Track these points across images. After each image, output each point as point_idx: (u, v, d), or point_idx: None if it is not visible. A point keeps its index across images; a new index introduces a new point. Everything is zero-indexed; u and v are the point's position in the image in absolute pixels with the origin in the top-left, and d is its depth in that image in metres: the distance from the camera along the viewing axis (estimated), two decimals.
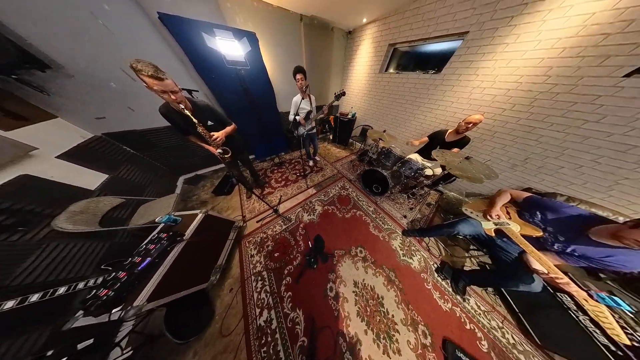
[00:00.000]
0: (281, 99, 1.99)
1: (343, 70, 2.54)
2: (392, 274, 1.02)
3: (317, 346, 0.76)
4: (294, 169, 2.11)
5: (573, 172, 1.04)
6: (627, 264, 0.50)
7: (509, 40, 1.06)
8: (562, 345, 0.71)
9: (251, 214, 1.44)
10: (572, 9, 0.85)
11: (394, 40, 1.71)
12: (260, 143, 2.11)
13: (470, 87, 1.32)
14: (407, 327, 0.82)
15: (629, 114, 0.82)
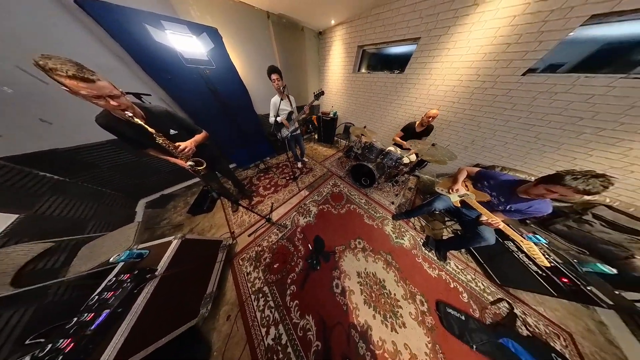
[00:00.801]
0: (258, 101, 1.87)
1: (319, 71, 2.58)
2: (389, 257, 1.11)
3: (331, 346, 0.76)
4: (283, 173, 2.02)
5: (502, 148, 1.36)
6: (540, 210, 0.71)
7: (449, 45, 1.30)
8: (513, 280, 0.95)
9: (241, 229, 1.31)
10: (486, 23, 1.10)
11: (362, 42, 1.84)
12: (240, 149, 1.93)
13: (427, 85, 1.55)
14: (407, 301, 0.91)
15: (527, 102, 1.13)
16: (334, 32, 2.05)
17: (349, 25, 1.85)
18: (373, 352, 0.75)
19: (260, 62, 1.73)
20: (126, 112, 0.55)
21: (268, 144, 2.19)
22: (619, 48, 0.89)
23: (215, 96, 1.41)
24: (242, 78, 1.56)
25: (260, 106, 1.91)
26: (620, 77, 0.87)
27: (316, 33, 2.21)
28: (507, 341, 0.76)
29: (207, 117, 1.46)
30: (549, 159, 1.19)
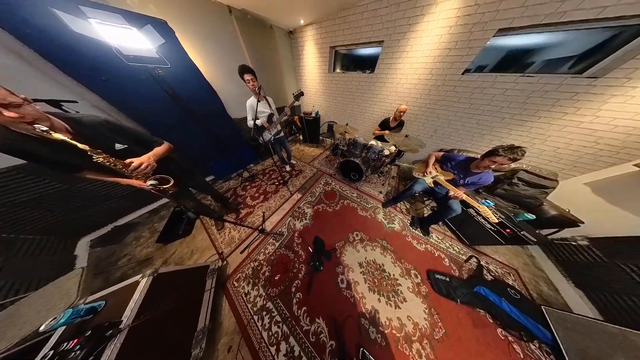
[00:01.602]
0: (232, 104, 1.70)
1: (295, 71, 2.54)
2: (384, 242, 1.21)
3: (344, 340, 0.77)
4: (271, 178, 1.92)
5: (455, 134, 1.67)
6: (487, 180, 0.92)
7: (407, 49, 1.49)
8: (476, 239, 1.19)
9: (230, 247, 1.18)
10: (432, 31, 1.32)
11: (333, 43, 1.91)
12: (218, 159, 1.73)
13: (394, 84, 1.74)
14: (404, 278, 1.01)
15: (468, 96, 1.41)
16: (305, 32, 2.05)
17: (319, 26, 1.89)
18: (383, 332, 0.81)
19: (229, 61, 1.58)
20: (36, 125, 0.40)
21: (250, 150, 2.03)
22: (517, 54, 1.21)
23: (176, 101, 1.20)
24: (209, 79, 1.39)
25: (236, 110, 1.75)
26: (519, 76, 1.19)
27: (286, 32, 2.16)
28: (479, 288, 0.95)
29: (169, 125, 1.25)
30: (487, 139, 1.52)
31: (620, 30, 0.91)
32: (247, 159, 2.07)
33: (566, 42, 1.05)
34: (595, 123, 1.08)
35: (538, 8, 0.97)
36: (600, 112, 1.05)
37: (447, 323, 0.85)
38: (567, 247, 1.07)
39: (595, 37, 0.98)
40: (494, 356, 0.76)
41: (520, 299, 0.92)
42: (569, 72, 1.11)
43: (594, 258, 0.96)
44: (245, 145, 1.94)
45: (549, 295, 1.02)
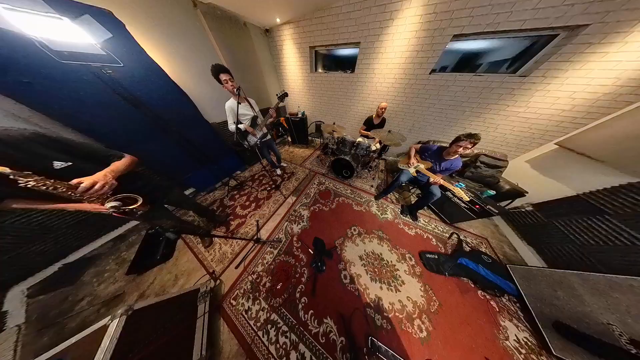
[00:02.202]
0: (209, 108, 1.55)
1: (276, 71, 2.46)
2: (380, 232, 1.28)
3: (354, 333, 0.79)
4: (261, 184, 1.82)
5: (430, 127, 1.87)
6: (457, 165, 1.08)
7: (382, 50, 1.59)
8: (455, 217, 1.36)
9: (223, 263, 1.08)
10: (401, 34, 1.44)
11: (313, 44, 1.91)
12: (197, 169, 1.55)
13: (374, 83, 1.84)
14: (400, 263, 1.09)
15: (436, 93, 1.60)
16: (282, 31, 2.00)
17: (296, 25, 1.87)
18: (387, 317, 0.85)
19: (199, 61, 1.43)
20: None
21: (234, 156, 1.88)
22: (469, 57, 1.43)
23: (138, 106, 1.03)
24: (179, 81, 1.23)
25: (213, 114, 1.60)
26: (472, 75, 1.40)
27: (262, 30, 2.07)
28: (461, 260, 1.09)
29: (132, 135, 1.07)
30: (454, 130, 1.75)
31: (537, 38, 1.17)
32: (232, 166, 1.92)
33: (503, 48, 1.29)
34: (528, 112, 1.35)
35: (480, 18, 1.16)
36: (530, 103, 1.32)
37: (439, 295, 0.95)
38: (519, 214, 1.32)
39: (521, 43, 1.23)
40: (478, 314, 0.89)
41: (492, 263, 1.09)
42: (506, 72, 1.36)
43: (537, 219, 1.21)
44: (229, 152, 1.79)
45: (511, 255, 1.24)
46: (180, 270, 1.06)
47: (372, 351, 0.74)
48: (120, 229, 1.29)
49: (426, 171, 1.17)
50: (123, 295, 0.95)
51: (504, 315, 0.90)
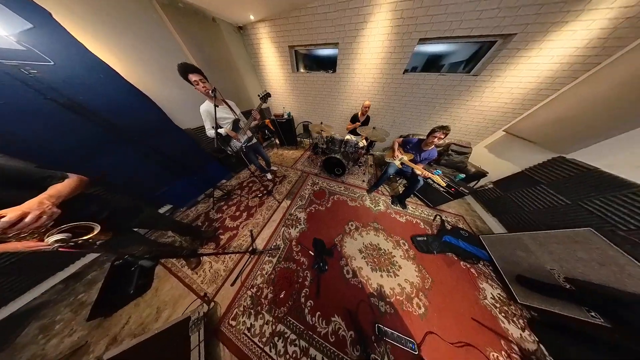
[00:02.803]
0: (180, 113, 1.39)
1: (255, 70, 2.34)
2: (376, 224, 1.35)
3: (361, 324, 0.82)
4: (252, 191, 1.72)
5: (408, 122, 2.05)
6: (433, 155, 1.22)
7: (360, 51, 1.67)
8: (436, 201, 1.54)
9: (216, 283, 0.99)
10: (375, 37, 1.54)
11: (292, 43, 1.88)
12: (172, 183, 1.37)
13: (356, 82, 1.92)
14: (396, 249, 1.17)
15: (409, 91, 1.77)
16: (258, 29, 1.91)
17: (273, 24, 1.81)
18: (390, 302, 0.91)
19: (163, 59, 1.27)
20: None
21: (217, 164, 1.72)
22: (434, 58, 1.61)
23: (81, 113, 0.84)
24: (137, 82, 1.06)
25: (186, 119, 1.43)
26: (438, 74, 1.60)
27: (235, 28, 1.94)
28: (445, 237, 1.23)
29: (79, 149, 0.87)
30: (428, 124, 1.96)
31: (482, 44, 1.40)
32: (215, 175, 1.76)
33: (459, 51, 1.50)
34: (482, 106, 1.61)
35: (439, 25, 1.32)
36: (482, 98, 1.57)
37: (431, 272, 1.05)
38: (484, 191, 1.56)
39: (472, 47, 1.45)
40: (463, 282, 1.02)
41: (468, 236, 1.26)
42: (463, 72, 1.59)
43: (497, 194, 1.46)
44: (210, 160, 1.62)
45: (482, 227, 1.46)
46: (163, 300, 0.92)
47: (379, 337, 0.78)
48: (73, 266, 1.04)
49: (409, 162, 1.29)
50: (86, 346, 0.77)
51: (481, 278, 1.05)
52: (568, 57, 1.17)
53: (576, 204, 1.00)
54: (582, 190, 0.98)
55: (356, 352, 0.74)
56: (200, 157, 1.52)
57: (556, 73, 1.25)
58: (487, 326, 0.85)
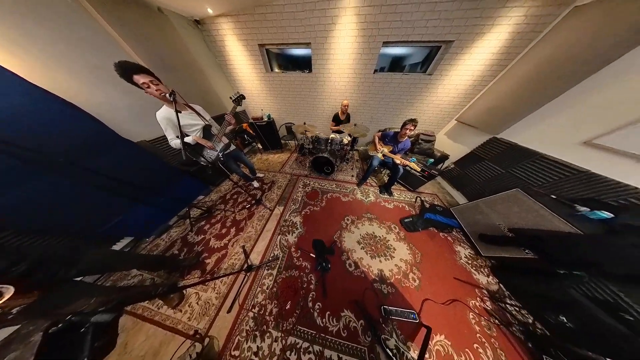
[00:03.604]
0: (129, 122, 1.14)
1: (223, 70, 2.11)
2: (368, 214, 1.44)
3: (369, 311, 0.86)
4: (237, 203, 1.57)
5: (383, 117, 2.26)
6: (407, 145, 1.41)
7: (332, 52, 1.72)
8: (415, 185, 1.77)
9: (208, 315, 0.86)
10: (345, 38, 1.61)
11: (261, 41, 1.78)
12: (128, 211, 1.11)
13: (332, 82, 1.98)
14: (389, 234, 1.28)
15: (381, 89, 1.94)
16: (220, 25, 1.73)
17: (236, 20, 1.67)
18: (391, 283, 0.99)
19: (93, 58, 1.00)
20: None
21: (189, 179, 1.49)
22: (397, 59, 1.82)
23: None
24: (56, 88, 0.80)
25: (139, 129, 1.19)
26: (402, 74, 1.81)
27: (191, 21, 1.70)
28: (426, 215, 1.42)
29: None
30: (400, 117, 2.20)
31: (432, 48, 1.66)
32: (188, 192, 1.53)
33: (415, 53, 1.74)
34: (438, 100, 1.91)
35: (397, 30, 1.49)
36: (437, 93, 1.87)
37: (419, 248, 1.20)
38: (448, 171, 1.88)
39: (425, 51, 1.70)
40: (443, 250, 1.21)
41: (443, 210, 1.49)
42: (421, 72, 1.85)
43: (458, 172, 1.78)
44: (180, 175, 1.39)
45: (451, 201, 1.76)
46: (138, 356, 0.74)
47: (386, 318, 0.84)
48: None
49: (389, 154, 1.45)
50: None
51: (456, 243, 1.27)
52: (489, 60, 1.52)
53: (508, 171, 1.31)
54: (510, 160, 1.30)
55: (368, 339, 0.78)
56: (165, 173, 1.28)
57: (483, 72, 1.60)
58: (465, 281, 1.03)
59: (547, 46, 1.24)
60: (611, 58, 0.93)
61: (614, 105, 0.90)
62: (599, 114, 0.94)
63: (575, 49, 1.07)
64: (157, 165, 1.22)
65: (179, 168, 1.37)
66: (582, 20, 1.10)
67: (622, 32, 0.90)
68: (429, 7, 1.34)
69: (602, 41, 0.97)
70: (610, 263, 0.67)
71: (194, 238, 1.26)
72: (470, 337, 0.81)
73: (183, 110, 0.93)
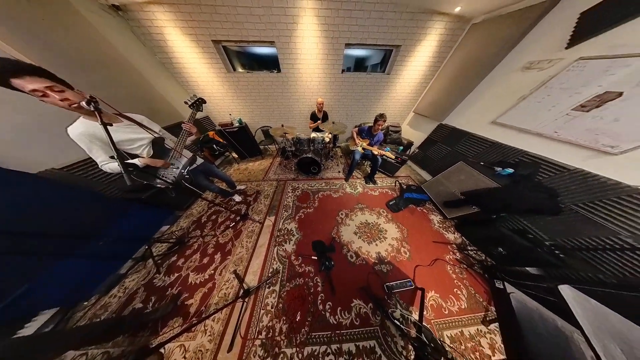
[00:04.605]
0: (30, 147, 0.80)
1: (169, 70, 1.75)
2: (360, 205, 1.54)
3: (376, 294, 0.93)
4: (218, 224, 1.36)
5: (357, 113, 2.44)
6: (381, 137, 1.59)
7: (299, 52, 1.71)
8: (391, 170, 2.02)
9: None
10: (310, 39, 1.63)
11: (215, 37, 1.57)
12: (38, 275, 0.78)
13: (304, 81, 1.97)
14: (380, 219, 1.41)
15: (350, 87, 2.09)
16: (153, 14, 1.41)
17: (177, 10, 1.40)
18: (388, 262, 1.10)
19: None
20: None
21: (143, 209, 1.17)
22: (361, 60, 1.99)
23: None
24: None
25: (38, 154, 0.84)
26: (366, 74, 2.00)
27: (105, 5, 1.30)
28: (405, 195, 1.65)
29: None
30: (371, 113, 2.43)
31: (386, 51, 1.90)
32: (143, 226, 1.21)
33: (374, 55, 1.95)
34: (398, 96, 2.23)
35: (355, 34, 1.63)
36: (396, 90, 2.16)
37: (404, 224, 1.38)
38: (415, 155, 2.24)
39: (382, 53, 1.94)
40: (422, 221, 1.44)
41: (416, 188, 1.77)
42: (381, 71, 2.09)
43: (422, 155, 2.14)
44: (126, 206, 1.08)
45: (421, 179, 2.10)
46: None
47: (389, 294, 0.93)
48: None
49: (367, 146, 1.60)
50: None
51: (430, 213, 1.53)
52: (428, 61, 1.88)
53: (453, 149, 1.69)
54: (453, 140, 1.68)
55: (377, 318, 0.84)
56: (100, 208, 0.96)
57: (426, 72, 1.97)
58: (440, 241, 1.26)
59: (462, 52, 1.65)
60: (496, 62, 1.34)
61: (502, 95, 1.30)
62: (497, 102, 1.34)
63: (477, 54, 1.48)
64: (84, 199, 0.90)
65: (124, 197, 1.05)
66: (477, 34, 1.53)
67: (499, 44, 1.31)
68: (378, 14, 1.52)
69: (489, 49, 1.37)
70: (516, 203, 0.98)
71: (164, 280, 1.00)
72: (450, 285, 1.01)
73: (115, 122, 0.70)
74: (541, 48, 1.11)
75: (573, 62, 0.95)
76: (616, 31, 0.84)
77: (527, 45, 1.18)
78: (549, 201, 0.91)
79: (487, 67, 1.38)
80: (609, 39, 0.85)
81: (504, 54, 1.29)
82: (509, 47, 1.26)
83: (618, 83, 0.80)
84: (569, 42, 0.97)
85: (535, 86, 1.09)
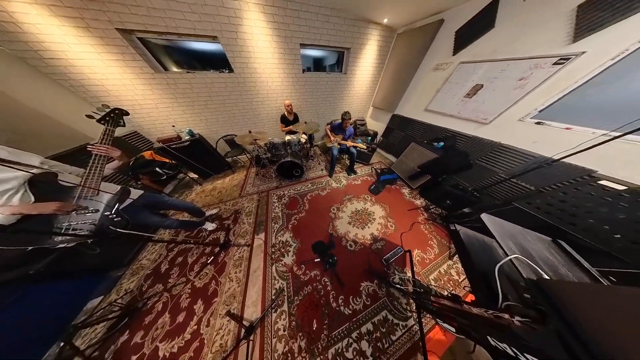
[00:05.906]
0: None
1: (40, 70, 1.15)
2: (347, 196, 1.65)
3: (376, 270, 1.04)
4: (191, 266, 1.09)
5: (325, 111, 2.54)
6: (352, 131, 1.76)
7: (250, 49, 1.55)
8: (366, 159, 2.29)
9: None
10: (260, 36, 1.51)
11: (125, 26, 1.18)
12: None
13: (265, 82, 1.83)
14: (366, 204, 1.57)
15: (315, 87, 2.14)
16: None
17: None
18: (381, 239, 1.25)
19: None
20: None
21: (37, 287, 0.76)
22: (318, 60, 2.06)
23: None
24: None
25: None
26: (326, 74, 2.11)
27: None
28: (381, 177, 1.91)
29: None
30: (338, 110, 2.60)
31: (340, 52, 2.07)
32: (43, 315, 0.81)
33: (329, 56, 2.07)
34: (357, 93, 2.50)
35: (307, 34, 1.66)
36: (355, 87, 2.41)
37: (386, 202, 1.60)
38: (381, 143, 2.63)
39: (335, 54, 2.09)
40: (396, 196, 1.72)
41: (388, 170, 2.09)
42: (338, 71, 2.26)
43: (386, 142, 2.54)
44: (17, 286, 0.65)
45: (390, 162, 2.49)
46: None
47: (387, 265, 1.07)
48: None
49: (342, 141, 1.72)
50: None
51: (401, 189, 1.86)
52: (374, 62, 2.19)
53: (406, 134, 2.11)
54: (405, 126, 2.10)
55: (383, 290, 0.95)
56: None
57: (374, 71, 2.29)
58: (412, 208, 1.57)
59: (395, 55, 2.05)
60: (417, 64, 1.78)
61: (427, 89, 1.75)
62: (424, 94, 1.78)
63: (404, 57, 1.89)
64: None
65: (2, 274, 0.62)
66: (402, 42, 1.95)
67: (417, 49, 1.73)
68: (324, 18, 1.61)
69: (412, 54, 1.79)
70: (449, 166, 1.41)
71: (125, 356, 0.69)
72: (425, 240, 1.28)
73: None
74: (441, 54, 1.58)
75: (457, 65, 1.43)
76: (475, 44, 1.31)
77: (434, 51, 1.64)
78: (465, 160, 1.37)
79: (413, 68, 1.81)
80: (472, 50, 1.34)
81: (421, 58, 1.74)
82: (423, 53, 1.70)
83: (480, 79, 1.29)
84: (454, 50, 1.45)
85: (442, 82, 1.57)
